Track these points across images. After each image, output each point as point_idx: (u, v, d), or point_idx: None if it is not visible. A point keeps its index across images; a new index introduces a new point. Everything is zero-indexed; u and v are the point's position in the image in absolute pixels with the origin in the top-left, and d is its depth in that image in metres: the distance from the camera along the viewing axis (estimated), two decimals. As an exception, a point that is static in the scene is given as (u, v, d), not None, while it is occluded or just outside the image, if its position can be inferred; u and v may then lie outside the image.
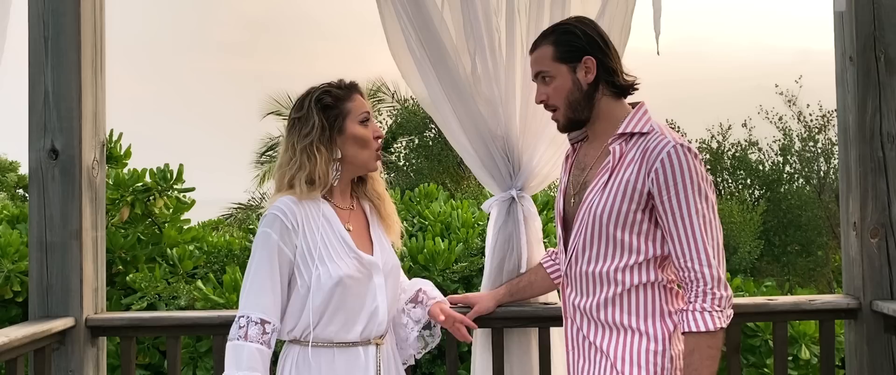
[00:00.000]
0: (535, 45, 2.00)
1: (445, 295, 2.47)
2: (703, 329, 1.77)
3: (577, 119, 1.97)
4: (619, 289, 1.88)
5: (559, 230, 2.03)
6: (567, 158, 2.10)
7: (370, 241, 2.05)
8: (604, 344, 1.90)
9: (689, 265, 1.79)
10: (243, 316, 1.85)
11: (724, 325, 1.79)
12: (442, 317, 2.18)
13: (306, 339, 1.91)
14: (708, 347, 1.78)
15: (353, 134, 1.97)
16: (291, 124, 1.99)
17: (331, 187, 1.99)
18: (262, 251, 1.88)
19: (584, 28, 1.95)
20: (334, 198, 2.02)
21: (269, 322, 1.86)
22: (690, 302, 1.80)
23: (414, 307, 2.21)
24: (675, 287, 1.92)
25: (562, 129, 2.01)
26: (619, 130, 1.90)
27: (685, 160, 1.80)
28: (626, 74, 1.96)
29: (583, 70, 1.92)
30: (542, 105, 2.01)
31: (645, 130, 1.88)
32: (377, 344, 1.99)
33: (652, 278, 1.88)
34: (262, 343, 1.83)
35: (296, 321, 1.91)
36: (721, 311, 1.78)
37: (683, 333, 1.82)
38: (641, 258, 1.86)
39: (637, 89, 1.97)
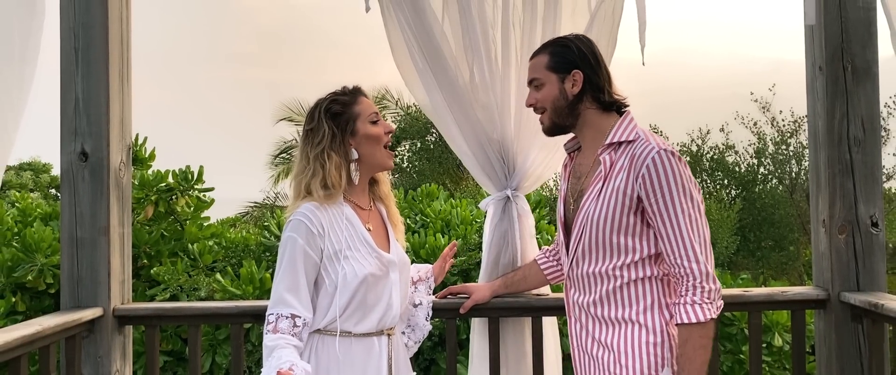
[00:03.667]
0: (534, 54, 2.02)
1: (445, 287, 2.48)
2: (693, 320, 1.77)
3: (560, 125, 1.98)
4: (618, 283, 1.87)
5: (561, 235, 2.03)
6: (565, 166, 2.10)
7: (387, 240, 2.05)
8: (606, 339, 1.89)
9: (679, 261, 1.79)
10: (273, 313, 1.84)
11: (714, 316, 1.79)
12: (440, 268, 2.36)
13: (329, 330, 1.90)
14: (700, 337, 1.78)
15: (365, 134, 1.97)
16: (305, 136, 1.98)
17: (352, 187, 1.98)
18: (290, 255, 1.86)
19: (580, 44, 1.96)
20: (354, 198, 2.01)
21: (299, 316, 1.84)
22: (682, 296, 1.80)
23: (416, 290, 2.27)
24: (671, 280, 1.91)
25: (546, 132, 2.02)
26: (607, 140, 1.89)
27: (669, 164, 1.79)
28: (616, 93, 1.96)
29: (570, 82, 1.93)
30: (532, 109, 2.02)
31: (631, 139, 1.87)
32: (389, 334, 1.99)
33: (649, 273, 1.87)
34: (292, 336, 1.82)
35: (322, 315, 1.90)
36: (710, 303, 1.78)
37: (676, 325, 1.81)
38: (637, 256, 1.86)
39: (626, 107, 1.96)
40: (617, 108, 1.96)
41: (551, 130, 2.01)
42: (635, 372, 1.83)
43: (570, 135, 2.06)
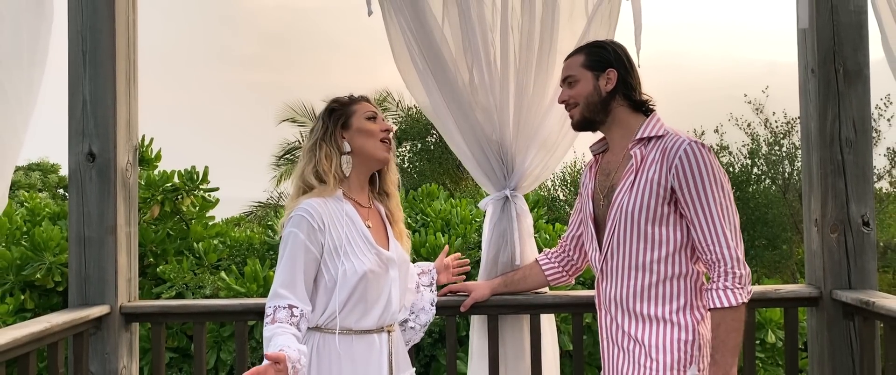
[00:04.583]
0: (570, 55, 2.07)
1: (445, 285, 2.48)
2: (726, 304, 1.80)
3: (591, 119, 2.02)
4: (654, 278, 1.89)
5: (591, 230, 2.04)
6: (590, 168, 2.13)
7: (386, 237, 2.05)
8: (638, 334, 1.90)
9: (711, 248, 1.82)
10: (270, 306, 1.83)
11: (745, 300, 1.82)
12: (444, 266, 2.37)
13: (328, 327, 1.90)
14: (732, 320, 1.81)
15: (358, 127, 2.00)
16: (308, 136, 2.04)
17: (350, 184, 2.00)
18: (290, 250, 1.86)
19: (615, 47, 2.02)
20: (353, 195, 2.01)
21: (297, 307, 1.83)
22: (714, 281, 1.83)
23: (419, 280, 2.28)
24: (704, 281, 1.92)
25: (575, 126, 2.06)
26: (638, 136, 1.93)
27: (700, 155, 1.84)
28: (644, 94, 2.01)
29: (605, 79, 1.98)
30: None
31: (660, 134, 1.92)
32: (389, 331, 1.99)
33: (684, 270, 1.89)
34: (290, 324, 1.81)
35: (321, 310, 1.89)
36: (741, 288, 1.82)
37: (709, 309, 1.84)
38: (671, 247, 1.88)
39: (653, 108, 2.00)
40: (644, 109, 2.00)
41: (580, 124, 2.04)
42: (665, 366, 1.85)
43: (598, 137, 2.09)
